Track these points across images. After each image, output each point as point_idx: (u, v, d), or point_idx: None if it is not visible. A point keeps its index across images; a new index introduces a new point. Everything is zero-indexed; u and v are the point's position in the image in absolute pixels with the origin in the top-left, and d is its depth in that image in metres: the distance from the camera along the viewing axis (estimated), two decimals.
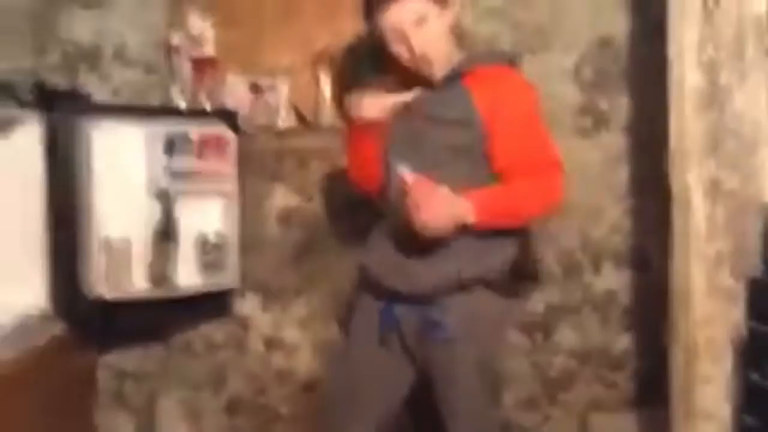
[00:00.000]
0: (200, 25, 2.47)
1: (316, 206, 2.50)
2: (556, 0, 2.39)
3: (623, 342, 2.48)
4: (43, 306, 1.96)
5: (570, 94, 2.42)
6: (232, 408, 2.55)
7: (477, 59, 1.84)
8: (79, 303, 2.03)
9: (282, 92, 2.48)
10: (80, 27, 2.42)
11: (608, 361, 2.48)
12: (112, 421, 2.52)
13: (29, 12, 2.40)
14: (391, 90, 1.85)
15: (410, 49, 1.75)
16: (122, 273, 2.18)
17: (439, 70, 1.78)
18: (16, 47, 2.41)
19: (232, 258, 2.35)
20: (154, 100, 2.46)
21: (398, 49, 1.76)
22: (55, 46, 2.42)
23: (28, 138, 1.75)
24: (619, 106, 2.42)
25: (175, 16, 2.45)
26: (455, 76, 1.78)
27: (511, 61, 1.89)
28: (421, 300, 1.76)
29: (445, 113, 1.77)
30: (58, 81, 2.36)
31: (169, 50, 2.45)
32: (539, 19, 2.40)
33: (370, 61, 2.17)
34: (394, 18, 1.73)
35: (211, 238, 2.34)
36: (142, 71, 2.46)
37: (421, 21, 1.73)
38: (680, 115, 1.86)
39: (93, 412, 2.35)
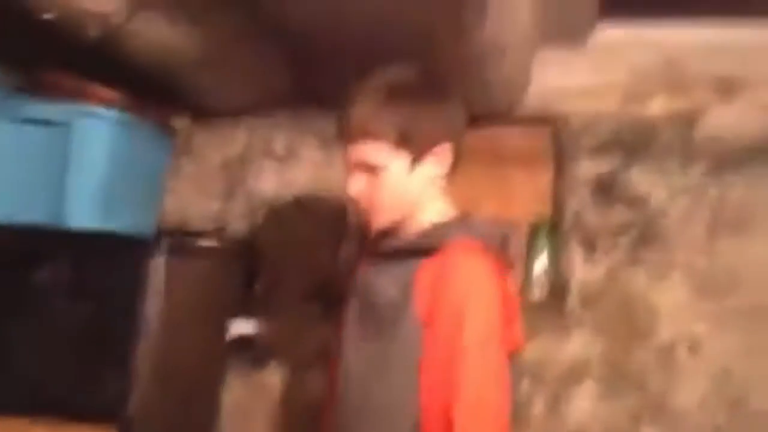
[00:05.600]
0: None
1: None
2: None
3: None
4: None
5: None
6: None
7: (452, 230, 1.40)
8: None
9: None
10: (266, 177, 2.44)
11: None
12: None
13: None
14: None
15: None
16: None
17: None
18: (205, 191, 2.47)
19: None
20: None
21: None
22: (241, 194, 2.44)
23: None
24: None
25: None
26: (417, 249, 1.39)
27: (501, 238, 1.42)
28: None
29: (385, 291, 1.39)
30: (240, 228, 2.39)
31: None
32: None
33: None
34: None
35: None
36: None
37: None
38: None
39: None
